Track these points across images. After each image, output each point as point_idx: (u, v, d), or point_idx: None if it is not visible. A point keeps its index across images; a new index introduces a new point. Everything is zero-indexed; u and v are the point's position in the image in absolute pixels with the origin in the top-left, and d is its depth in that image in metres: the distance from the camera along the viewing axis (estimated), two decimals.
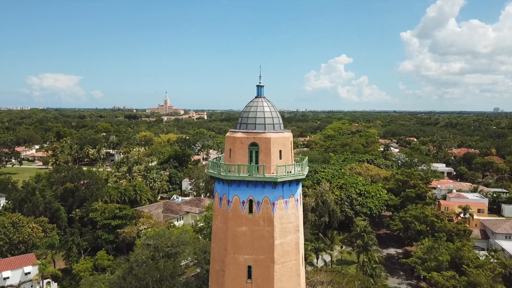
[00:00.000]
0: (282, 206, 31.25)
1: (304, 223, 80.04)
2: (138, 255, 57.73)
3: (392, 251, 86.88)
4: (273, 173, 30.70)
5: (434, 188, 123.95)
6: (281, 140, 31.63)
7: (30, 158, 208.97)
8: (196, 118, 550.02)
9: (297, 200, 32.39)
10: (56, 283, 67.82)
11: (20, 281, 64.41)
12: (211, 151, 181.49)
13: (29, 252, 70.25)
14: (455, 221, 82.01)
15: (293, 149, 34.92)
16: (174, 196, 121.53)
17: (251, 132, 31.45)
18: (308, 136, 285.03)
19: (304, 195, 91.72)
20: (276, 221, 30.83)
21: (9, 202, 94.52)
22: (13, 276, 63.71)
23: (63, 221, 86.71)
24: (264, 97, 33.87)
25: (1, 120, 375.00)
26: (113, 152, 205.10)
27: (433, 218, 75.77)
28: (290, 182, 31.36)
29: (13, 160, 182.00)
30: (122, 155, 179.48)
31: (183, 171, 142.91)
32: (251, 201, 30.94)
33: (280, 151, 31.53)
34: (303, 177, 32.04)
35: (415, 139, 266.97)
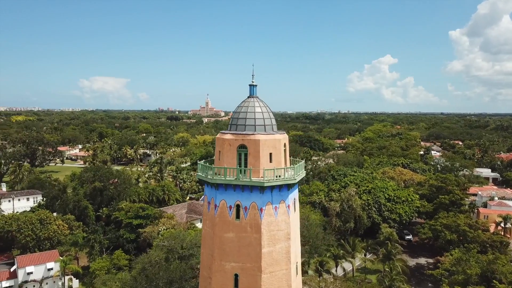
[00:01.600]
0: (271, 212, 29.53)
1: (325, 228, 77.46)
2: (152, 256, 57.82)
3: (422, 260, 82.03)
4: (262, 177, 29.09)
5: (475, 194, 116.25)
6: (272, 142, 29.93)
7: (73, 157, 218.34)
8: None
9: (289, 206, 30.51)
10: (77, 280, 69.47)
11: (43, 277, 66.42)
12: None
13: (54, 249, 72.43)
14: (491, 231, 76.10)
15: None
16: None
17: (240, 134, 30.03)
18: (346, 138, 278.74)
19: (330, 199, 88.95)
20: (264, 228, 29.18)
21: (44, 199, 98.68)
22: (36, 271, 65.84)
23: (91, 219, 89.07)
24: (257, 97, 32.34)
25: (51, 121, 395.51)
26: (150, 153, 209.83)
27: (465, 228, 70.48)
28: (280, 187, 29.58)
29: (57, 159, 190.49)
30: (158, 155, 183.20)
31: None
32: (238, 206, 29.50)
33: (271, 153, 29.85)
34: (295, 182, 30.11)
35: (460, 143, 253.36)
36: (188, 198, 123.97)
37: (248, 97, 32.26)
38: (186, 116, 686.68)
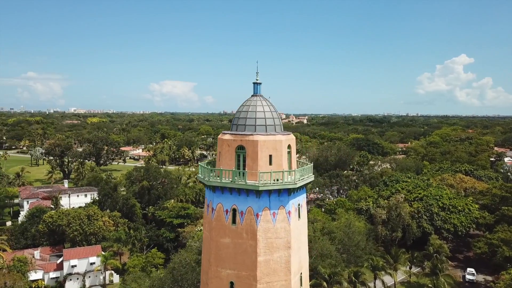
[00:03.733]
0: (269, 218, 27.61)
1: (368, 236, 73.03)
2: (182, 256, 57.92)
3: (479, 277, 74.25)
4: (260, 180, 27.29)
5: None
6: (272, 143, 28.02)
7: (135, 157, 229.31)
8: (296, 123, 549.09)
9: (289, 212, 28.35)
10: (118, 275, 71.82)
11: (86, 270, 69.46)
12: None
13: (99, 244, 75.51)
14: None
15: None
16: None
17: (239, 134, 28.52)
18: (409, 142, 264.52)
19: (377, 206, 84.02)
20: (260, 235, 27.34)
21: (98, 196, 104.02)
22: (80, 265, 69.03)
23: (138, 217, 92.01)
24: (261, 95, 30.61)
25: (121, 123, 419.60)
26: (207, 154, 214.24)
27: None
28: (279, 192, 27.58)
29: (120, 159, 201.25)
30: (214, 156, 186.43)
31: None
32: (234, 211, 27.97)
33: (271, 155, 27.97)
34: (295, 186, 27.87)
35: None
36: None
37: (252, 95, 30.65)
38: None
